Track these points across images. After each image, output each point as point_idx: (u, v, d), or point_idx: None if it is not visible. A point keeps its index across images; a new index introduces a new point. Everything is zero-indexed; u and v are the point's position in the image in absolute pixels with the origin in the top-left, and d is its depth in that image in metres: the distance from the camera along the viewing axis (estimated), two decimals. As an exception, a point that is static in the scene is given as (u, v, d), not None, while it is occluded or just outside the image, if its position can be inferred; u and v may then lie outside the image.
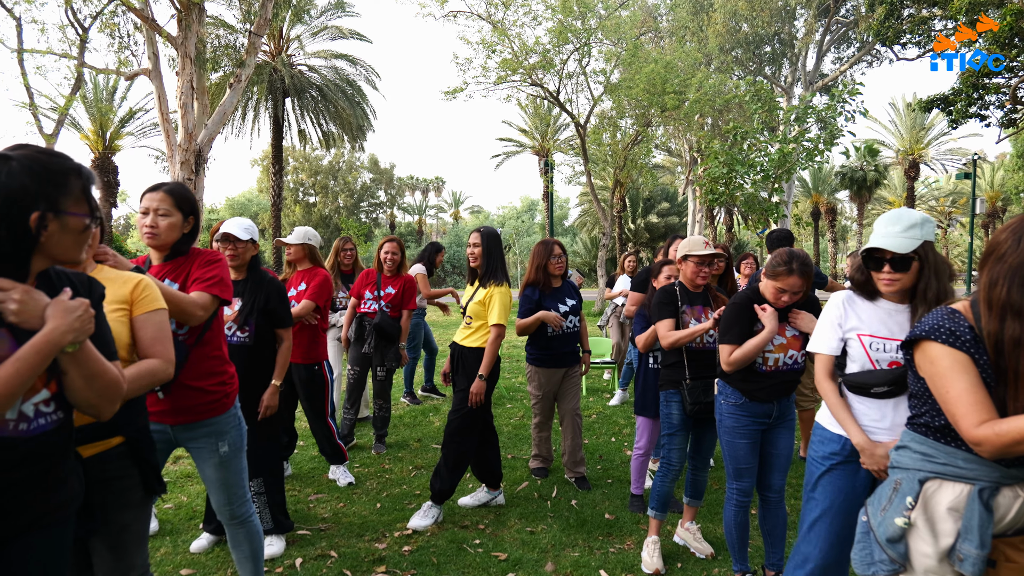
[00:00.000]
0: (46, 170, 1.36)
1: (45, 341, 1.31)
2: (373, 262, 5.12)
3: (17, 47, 14.50)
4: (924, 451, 1.67)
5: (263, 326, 3.17)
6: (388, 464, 4.76)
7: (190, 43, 10.39)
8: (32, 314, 1.33)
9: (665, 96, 15.44)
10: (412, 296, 5.02)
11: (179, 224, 2.28)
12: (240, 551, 2.59)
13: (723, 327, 2.83)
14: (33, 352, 1.30)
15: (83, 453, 1.75)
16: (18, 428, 1.37)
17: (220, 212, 47.45)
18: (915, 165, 32.75)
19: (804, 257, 2.71)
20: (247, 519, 2.54)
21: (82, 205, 1.42)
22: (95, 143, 22.13)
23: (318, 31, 23.65)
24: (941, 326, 1.59)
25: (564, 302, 4.24)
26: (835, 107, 9.20)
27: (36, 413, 1.40)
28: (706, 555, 3.32)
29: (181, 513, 3.82)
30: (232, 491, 2.46)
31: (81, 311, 1.36)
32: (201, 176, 10.92)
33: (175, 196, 2.26)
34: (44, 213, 1.34)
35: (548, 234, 20.91)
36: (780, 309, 2.76)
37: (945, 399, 1.56)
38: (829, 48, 23.76)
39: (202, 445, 2.38)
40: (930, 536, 1.60)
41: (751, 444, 2.85)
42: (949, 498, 1.60)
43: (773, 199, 10.00)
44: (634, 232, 36.33)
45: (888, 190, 39.75)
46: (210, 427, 2.38)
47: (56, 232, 1.38)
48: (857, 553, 1.77)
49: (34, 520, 1.43)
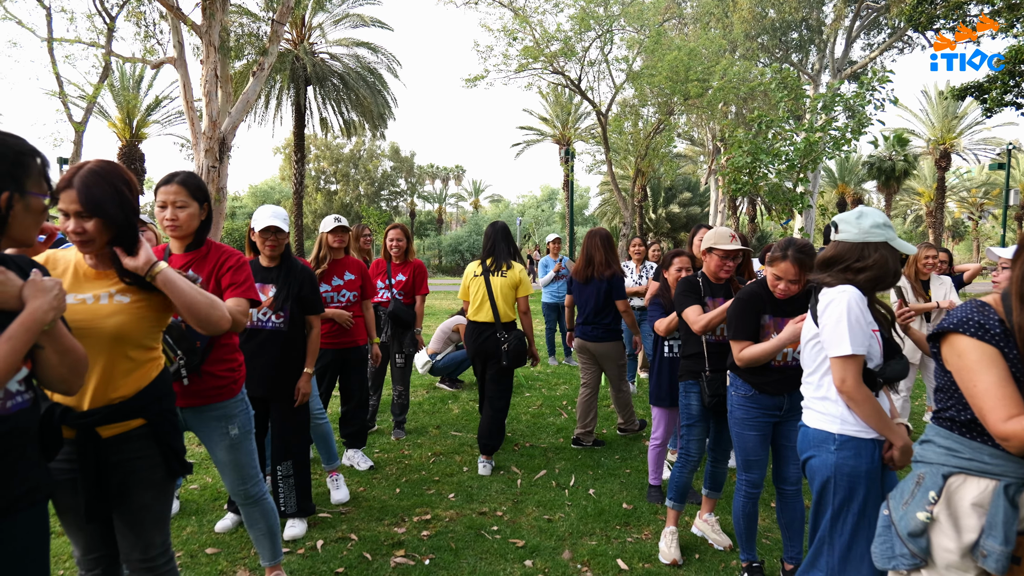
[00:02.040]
0: (11, 151, 1.37)
1: (32, 319, 1.34)
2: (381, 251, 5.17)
3: (47, 36, 14.75)
4: (949, 446, 1.65)
5: (296, 312, 3.24)
6: (407, 450, 4.81)
7: (214, 31, 10.47)
8: (10, 294, 1.36)
9: (688, 84, 15.22)
10: (423, 281, 5.05)
11: (197, 213, 2.34)
12: (257, 529, 2.67)
13: (729, 323, 2.82)
14: (23, 330, 1.33)
15: (102, 434, 1.78)
16: (6, 406, 1.40)
17: (243, 200, 47.98)
18: (946, 155, 31.95)
19: (803, 246, 2.67)
20: (261, 498, 2.62)
21: (42, 186, 1.44)
22: (122, 131, 22.48)
23: (340, 19, 23.69)
24: (970, 319, 1.56)
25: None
26: (864, 95, 9.00)
27: (16, 391, 1.43)
28: (724, 547, 3.32)
29: (206, 494, 3.91)
30: (244, 472, 2.53)
31: (57, 290, 1.40)
32: (225, 164, 11.04)
33: (189, 187, 2.30)
34: (12, 194, 1.36)
35: (568, 224, 20.80)
36: (790, 304, 2.74)
37: (972, 393, 1.54)
38: (859, 34, 23.21)
39: (212, 428, 2.46)
40: (953, 531, 1.58)
41: (761, 436, 2.83)
42: (974, 494, 1.58)
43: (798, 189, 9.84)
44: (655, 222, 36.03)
45: (917, 181, 38.86)
46: (219, 411, 2.46)
47: (20, 212, 1.40)
48: (878, 546, 1.75)
49: (8, 505, 1.42)
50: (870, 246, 2.11)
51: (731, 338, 2.80)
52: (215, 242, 2.47)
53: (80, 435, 1.76)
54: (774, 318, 2.76)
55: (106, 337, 1.76)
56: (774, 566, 3.10)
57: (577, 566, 3.10)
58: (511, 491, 4.03)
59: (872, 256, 2.10)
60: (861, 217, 2.14)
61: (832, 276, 2.15)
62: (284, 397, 3.24)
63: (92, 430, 1.77)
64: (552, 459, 4.64)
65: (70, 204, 1.69)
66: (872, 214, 2.14)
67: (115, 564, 1.98)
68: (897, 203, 37.82)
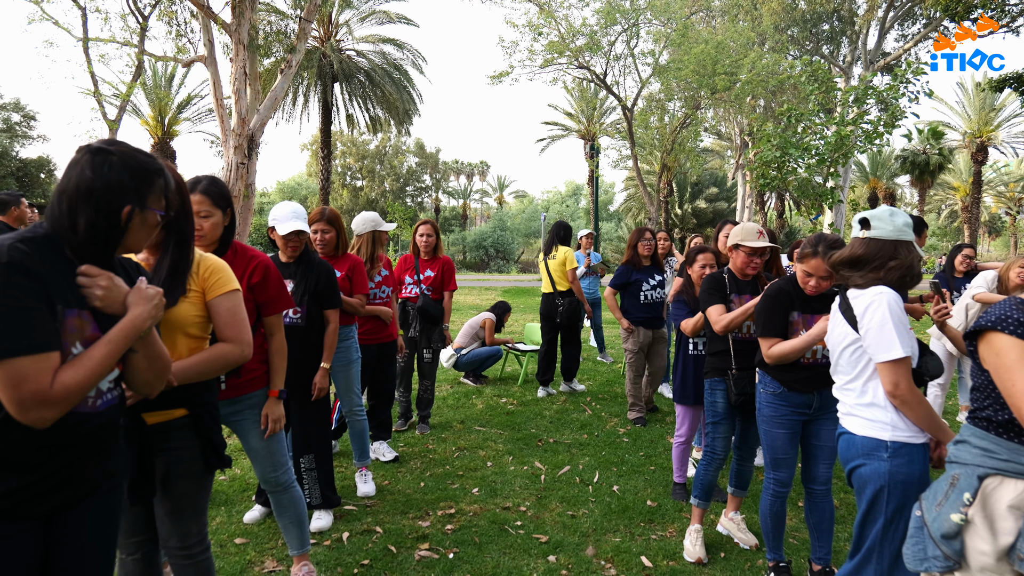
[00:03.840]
0: (141, 168, 1.47)
1: (132, 326, 1.42)
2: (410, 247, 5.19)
3: (83, 36, 15.10)
4: (985, 446, 1.60)
5: (313, 307, 3.26)
6: (432, 444, 4.85)
7: (243, 30, 10.61)
8: (115, 300, 1.43)
9: (715, 77, 15.01)
10: (451, 277, 5.08)
11: (220, 221, 2.38)
12: (286, 516, 2.72)
13: (757, 319, 2.78)
14: (122, 336, 1.40)
15: (147, 420, 1.87)
16: (96, 404, 1.47)
17: (271, 196, 48.68)
18: (983, 148, 31.03)
19: (834, 241, 2.61)
20: (290, 486, 2.68)
21: (161, 202, 1.53)
22: (154, 128, 22.98)
23: (366, 16, 23.84)
24: (1009, 316, 1.52)
25: (653, 276, 5.39)
26: (898, 88, 8.78)
27: (107, 389, 1.51)
28: (750, 546, 3.28)
29: (235, 485, 3.98)
30: (276, 459, 2.59)
31: (157, 299, 1.47)
32: (253, 160, 11.20)
33: (211, 195, 2.35)
34: (134, 208, 1.44)
35: (592, 220, 20.71)
36: (819, 300, 2.69)
37: (1011, 392, 1.50)
38: (892, 25, 22.61)
39: (246, 417, 2.51)
40: (988, 534, 1.55)
41: (790, 434, 2.79)
42: (1011, 495, 1.54)
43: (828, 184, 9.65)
44: (681, 217, 35.68)
45: (953, 175, 37.83)
46: (252, 400, 2.51)
47: (137, 225, 1.47)
48: (910, 548, 1.72)
49: (91, 489, 1.52)
50: (903, 244, 2.06)
51: (760, 335, 2.76)
52: (240, 245, 2.52)
53: (126, 420, 1.82)
54: (803, 315, 2.72)
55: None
56: (801, 566, 3.06)
57: (601, 562, 3.09)
58: (535, 486, 4.04)
59: (905, 255, 2.06)
60: (894, 215, 2.09)
61: (863, 277, 2.10)
62: (302, 391, 3.27)
63: (138, 416, 1.84)
64: (576, 455, 4.63)
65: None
66: (901, 212, 2.11)
67: (155, 549, 2.05)
68: (931, 198, 36.86)
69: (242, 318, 2.00)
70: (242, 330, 1.98)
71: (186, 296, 1.88)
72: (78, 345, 1.37)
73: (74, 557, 1.50)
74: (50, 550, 1.46)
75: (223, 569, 2.95)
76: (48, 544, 1.45)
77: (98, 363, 1.36)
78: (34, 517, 1.40)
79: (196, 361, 1.89)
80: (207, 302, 1.94)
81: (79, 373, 1.32)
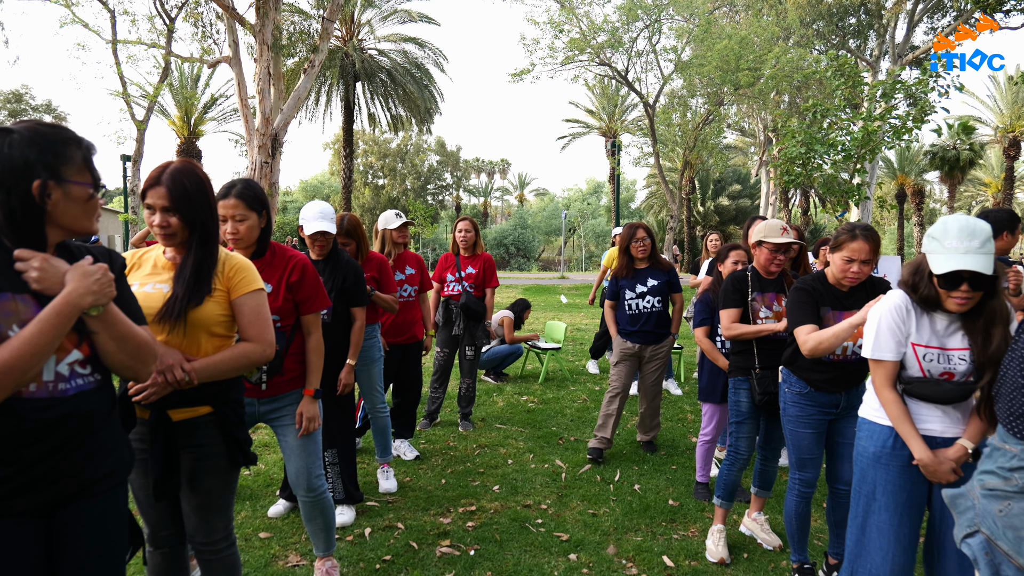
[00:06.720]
0: (47, 140, 1.41)
1: (64, 302, 1.37)
2: (450, 245, 5.21)
3: (112, 38, 15.41)
4: None
5: (340, 305, 3.30)
6: (452, 442, 4.87)
7: (267, 30, 10.75)
8: (53, 280, 1.39)
9: (739, 73, 14.83)
10: (493, 273, 5.10)
11: (256, 224, 2.42)
12: (315, 523, 2.74)
13: (790, 313, 2.72)
14: (53, 313, 1.36)
15: (173, 417, 1.88)
16: (58, 388, 1.45)
17: (294, 195, 49.23)
18: (1016, 143, 30.23)
19: (867, 225, 2.60)
20: (322, 493, 2.68)
21: (84, 174, 1.47)
22: (181, 128, 23.38)
23: (388, 15, 23.98)
24: None
25: (644, 283, 4.38)
26: (927, 82, 8.60)
27: (72, 373, 1.47)
28: (774, 547, 3.24)
29: (260, 480, 4.04)
30: (311, 459, 2.60)
31: (99, 275, 1.42)
32: (277, 159, 11.35)
33: (247, 199, 2.38)
34: (45, 181, 1.40)
35: (614, 217, 20.59)
36: (849, 297, 2.66)
37: None
38: (921, 18, 22.09)
39: (286, 414, 2.54)
40: None
41: (815, 434, 2.75)
42: None
43: (854, 180, 9.48)
44: (703, 215, 35.35)
45: (984, 171, 36.92)
46: (292, 397, 2.54)
47: (61, 200, 1.43)
48: None
49: (82, 487, 1.49)
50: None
51: (794, 327, 2.65)
52: (278, 245, 2.55)
53: (152, 416, 1.85)
54: (834, 311, 2.66)
55: (179, 323, 1.85)
56: (815, 565, 3.01)
57: (622, 561, 3.08)
58: (555, 485, 4.04)
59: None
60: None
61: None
62: (327, 387, 3.30)
63: (163, 412, 1.86)
64: (597, 454, 4.62)
65: (158, 200, 1.84)
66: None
67: (182, 543, 2.08)
68: (962, 194, 36.05)
69: (265, 317, 2.00)
70: (265, 329, 1.99)
71: (211, 295, 1.90)
72: (15, 328, 1.35)
73: (77, 558, 1.49)
74: (52, 551, 1.46)
75: (248, 563, 3.00)
76: (50, 545, 1.46)
77: (27, 342, 1.32)
78: (18, 513, 1.39)
79: (218, 359, 1.90)
80: (231, 301, 1.95)
81: (6, 353, 1.30)
